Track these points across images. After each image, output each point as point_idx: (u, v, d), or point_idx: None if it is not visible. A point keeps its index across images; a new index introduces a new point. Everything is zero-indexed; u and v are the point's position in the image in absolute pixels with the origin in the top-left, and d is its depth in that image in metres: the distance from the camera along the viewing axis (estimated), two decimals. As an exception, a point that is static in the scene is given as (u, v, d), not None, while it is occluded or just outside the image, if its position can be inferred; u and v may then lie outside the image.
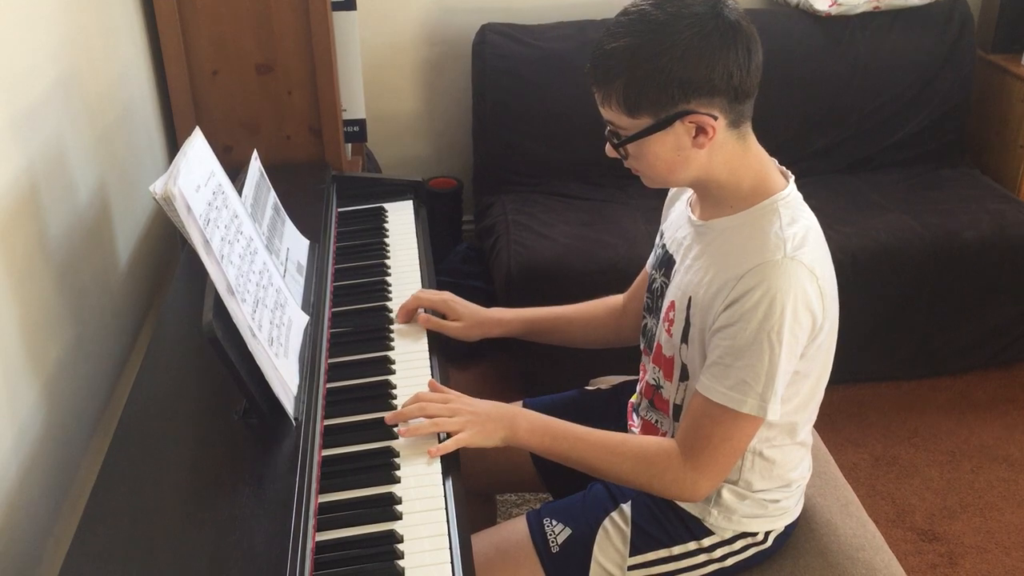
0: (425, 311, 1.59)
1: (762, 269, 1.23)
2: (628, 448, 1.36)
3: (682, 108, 1.22)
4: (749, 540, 1.43)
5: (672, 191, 1.52)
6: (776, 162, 1.36)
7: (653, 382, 1.46)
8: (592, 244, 2.62)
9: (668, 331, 1.39)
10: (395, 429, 1.32)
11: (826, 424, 1.42)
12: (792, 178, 1.35)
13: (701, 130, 1.24)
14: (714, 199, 1.34)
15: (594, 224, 2.73)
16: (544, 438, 1.37)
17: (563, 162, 2.97)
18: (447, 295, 1.62)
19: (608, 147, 1.33)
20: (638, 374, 1.65)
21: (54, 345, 1.38)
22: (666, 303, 1.40)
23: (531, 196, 2.90)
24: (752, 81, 1.24)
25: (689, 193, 1.44)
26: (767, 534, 1.43)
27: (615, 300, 1.67)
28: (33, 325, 1.31)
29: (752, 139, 1.31)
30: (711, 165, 1.28)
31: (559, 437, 1.37)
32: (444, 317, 1.60)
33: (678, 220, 1.45)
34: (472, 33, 2.96)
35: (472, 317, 1.61)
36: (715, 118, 1.23)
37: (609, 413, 1.64)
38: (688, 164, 1.28)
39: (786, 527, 1.45)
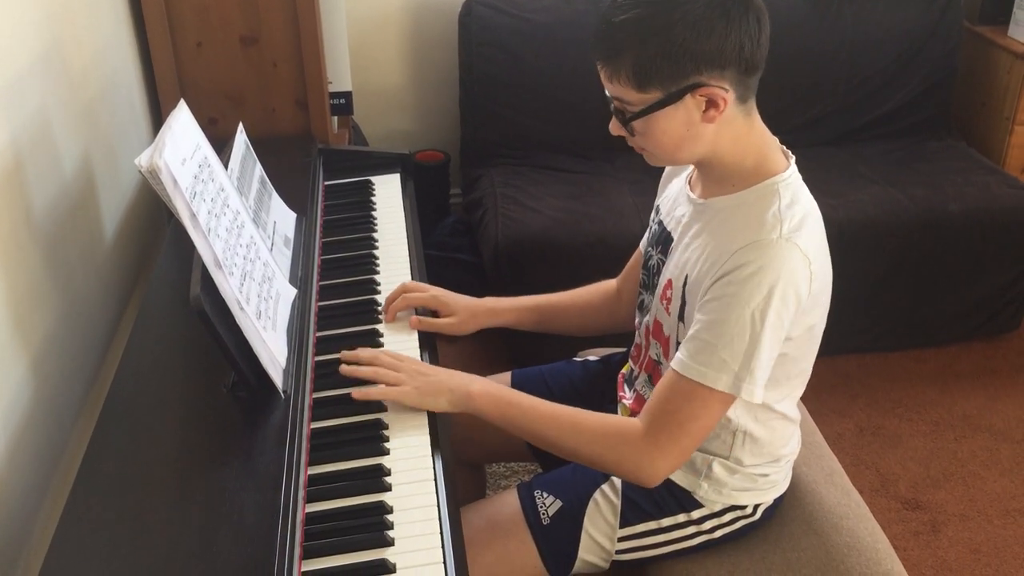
0: (416, 312, 1.53)
1: (756, 247, 1.22)
2: (587, 423, 1.32)
3: (694, 81, 1.20)
4: (738, 513, 1.44)
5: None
6: (777, 140, 1.34)
7: (655, 358, 1.45)
8: (580, 217, 2.62)
9: (667, 310, 1.38)
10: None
11: (811, 394, 1.43)
12: (793, 159, 1.33)
13: (712, 103, 1.22)
14: (716, 177, 1.32)
15: (582, 197, 2.72)
16: (499, 405, 1.33)
17: (551, 134, 2.96)
18: (436, 292, 1.56)
19: (612, 124, 1.30)
20: (623, 347, 1.66)
21: (41, 320, 1.37)
22: (663, 281, 1.39)
23: (519, 169, 2.89)
24: (761, 54, 1.23)
25: (688, 169, 1.42)
26: (756, 507, 1.44)
27: (608, 285, 1.64)
28: (20, 300, 1.30)
29: (757, 116, 1.29)
30: (718, 141, 1.27)
31: (514, 405, 1.34)
32: (436, 314, 1.56)
33: (676, 197, 1.43)
34: (458, 5, 2.93)
35: (466, 310, 1.57)
36: (726, 91, 1.21)
37: (598, 384, 1.65)
38: (696, 140, 1.26)
39: (775, 500, 1.46)
